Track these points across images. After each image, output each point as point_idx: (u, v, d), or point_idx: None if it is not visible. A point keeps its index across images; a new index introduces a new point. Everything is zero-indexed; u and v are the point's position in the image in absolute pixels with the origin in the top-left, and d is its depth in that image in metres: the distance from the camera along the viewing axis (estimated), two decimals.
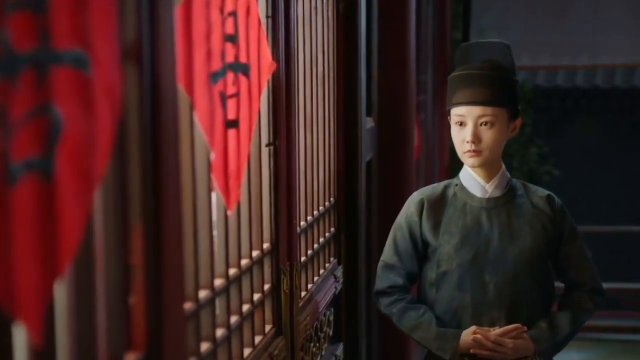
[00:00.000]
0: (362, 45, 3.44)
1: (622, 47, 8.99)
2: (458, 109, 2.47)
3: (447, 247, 2.52)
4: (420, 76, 5.99)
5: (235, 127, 1.89)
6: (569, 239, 2.58)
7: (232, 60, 1.86)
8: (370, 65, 3.82)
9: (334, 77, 3.21)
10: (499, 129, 2.46)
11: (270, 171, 2.23)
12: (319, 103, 2.95)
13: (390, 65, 4.15)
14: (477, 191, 2.55)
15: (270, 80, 2.22)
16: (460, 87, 2.46)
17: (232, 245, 1.92)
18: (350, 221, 3.38)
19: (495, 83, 2.45)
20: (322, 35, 2.99)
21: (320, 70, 2.97)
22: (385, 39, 4.12)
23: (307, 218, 2.75)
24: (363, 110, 3.46)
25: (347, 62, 3.33)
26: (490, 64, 2.48)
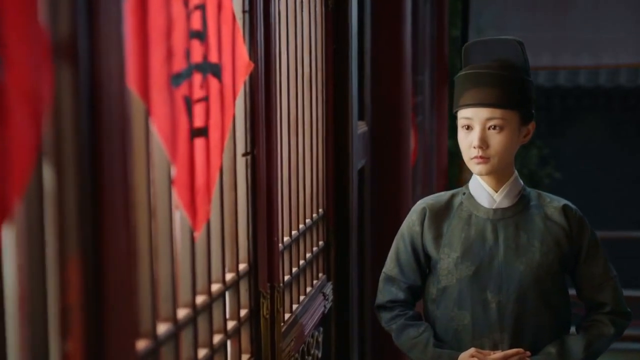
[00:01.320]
0: (354, 44, 3.25)
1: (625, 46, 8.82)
2: (464, 112, 2.31)
3: (448, 261, 2.37)
4: (417, 76, 5.82)
5: (204, 136, 1.70)
6: (589, 256, 2.39)
7: (200, 60, 1.67)
8: (363, 65, 3.63)
9: (323, 79, 3.02)
10: (508, 134, 2.29)
11: (247, 184, 2.03)
12: (305, 107, 2.76)
13: (384, 65, 3.96)
14: (484, 201, 2.38)
15: (247, 82, 2.02)
16: (467, 87, 2.30)
17: (200, 269, 1.72)
18: (341, 234, 3.19)
19: (505, 83, 2.29)
20: (309, 32, 2.80)
21: (306, 71, 2.78)
22: (379, 37, 3.92)
23: (292, 233, 2.56)
24: (354, 113, 3.26)
25: (337, 62, 3.14)
26: (501, 62, 2.32)
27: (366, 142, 3.74)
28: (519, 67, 2.32)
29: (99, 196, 1.13)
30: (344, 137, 3.17)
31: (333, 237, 3.13)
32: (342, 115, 3.15)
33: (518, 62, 2.33)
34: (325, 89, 3.05)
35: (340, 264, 3.18)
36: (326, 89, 3.05)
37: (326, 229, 3.09)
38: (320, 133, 2.98)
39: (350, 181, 3.20)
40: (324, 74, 3.03)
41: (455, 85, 2.37)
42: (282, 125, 2.42)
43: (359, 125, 3.49)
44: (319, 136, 2.96)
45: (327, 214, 3.09)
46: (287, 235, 2.51)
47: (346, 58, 3.16)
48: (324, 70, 3.03)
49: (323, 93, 3.03)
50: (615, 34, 8.63)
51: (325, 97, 3.05)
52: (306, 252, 2.78)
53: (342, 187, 3.19)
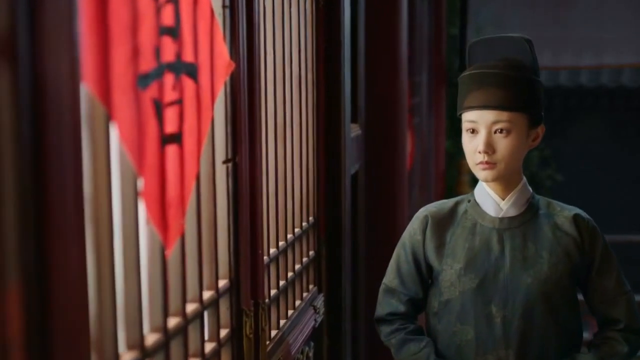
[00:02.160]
0: (346, 43, 3.12)
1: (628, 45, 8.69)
2: (469, 114, 2.19)
3: (450, 272, 2.25)
4: (414, 77, 5.70)
5: (177, 143, 1.56)
6: (601, 268, 2.27)
7: (173, 59, 1.54)
8: (356, 65, 3.50)
9: (313, 80, 2.89)
10: (516, 138, 2.17)
11: (228, 193, 1.90)
12: (294, 109, 2.63)
13: (379, 65, 3.83)
14: (490, 209, 2.27)
15: (227, 83, 1.89)
16: (472, 89, 2.19)
17: (174, 288, 1.59)
18: (333, 243, 3.06)
19: (511, 84, 2.17)
20: (298, 30, 2.67)
21: (295, 71, 2.65)
22: (374, 36, 3.79)
23: (279, 244, 2.43)
24: (347, 116, 3.13)
25: (329, 61, 3.01)
26: (507, 62, 2.19)
27: (360, 146, 3.61)
28: (526, 67, 2.21)
29: (44, 215, 0.99)
30: (335, 140, 3.04)
31: (324, 247, 3.00)
32: (333, 118, 3.03)
33: (526, 61, 2.22)
34: (316, 91, 2.92)
35: (332, 274, 3.05)
36: (317, 90, 2.92)
37: (317, 238, 2.96)
38: (310, 137, 2.85)
39: (343, 187, 3.07)
40: (314, 74, 2.90)
41: (459, 86, 2.26)
42: (267, 130, 2.29)
43: (352, 128, 3.36)
44: (309, 140, 2.83)
45: (318, 222, 2.95)
46: (273, 247, 2.38)
47: (338, 58, 3.04)
48: (314, 71, 2.90)
49: (313, 94, 2.90)
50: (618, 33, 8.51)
51: (316, 98, 2.92)
52: (295, 263, 2.65)
53: (334, 194, 3.06)
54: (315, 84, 2.91)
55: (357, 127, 3.57)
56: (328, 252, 3.03)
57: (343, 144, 3.05)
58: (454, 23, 7.89)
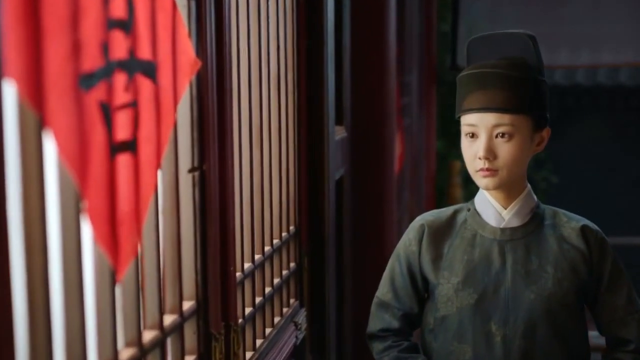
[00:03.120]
0: (330, 40, 2.97)
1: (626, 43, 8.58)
2: (468, 117, 2.08)
3: (447, 286, 2.14)
4: (403, 76, 5.57)
5: (131, 151, 1.41)
6: (611, 285, 2.15)
7: (125, 57, 1.38)
8: (341, 64, 3.35)
9: (294, 79, 2.74)
10: (519, 142, 2.06)
11: (194, 205, 1.74)
12: (271, 111, 2.48)
13: (365, 63, 3.68)
14: (491, 219, 2.15)
15: (193, 83, 1.74)
16: (471, 89, 2.07)
17: (128, 316, 1.43)
18: (316, 253, 2.91)
19: (514, 84, 2.05)
20: (276, 25, 2.52)
21: (273, 70, 2.50)
22: (360, 32, 3.65)
23: (255, 258, 2.27)
24: (331, 118, 2.99)
25: (311, 60, 2.87)
26: (510, 60, 2.07)
27: (345, 149, 3.46)
28: (530, 66, 2.09)
29: None
30: (318, 144, 2.89)
31: (307, 258, 2.85)
32: (316, 120, 2.88)
33: (530, 60, 2.09)
34: (297, 91, 2.77)
35: (315, 287, 2.91)
36: (298, 90, 2.77)
37: (299, 249, 2.81)
38: (290, 140, 2.70)
39: (326, 193, 2.92)
40: (295, 73, 2.75)
41: (457, 86, 2.14)
42: (241, 134, 2.14)
43: (336, 130, 3.21)
44: (289, 144, 2.68)
45: (299, 232, 2.80)
46: (248, 262, 2.23)
47: (321, 55, 2.89)
48: (295, 69, 2.75)
49: (294, 95, 2.75)
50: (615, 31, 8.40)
51: (297, 99, 2.77)
52: (274, 277, 2.50)
53: (317, 201, 2.91)
54: (296, 83, 2.76)
55: (342, 129, 3.42)
56: (311, 263, 2.88)
57: (326, 147, 2.90)
58: (445, 19, 7.77)
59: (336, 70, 3.21)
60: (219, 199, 1.86)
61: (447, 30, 7.57)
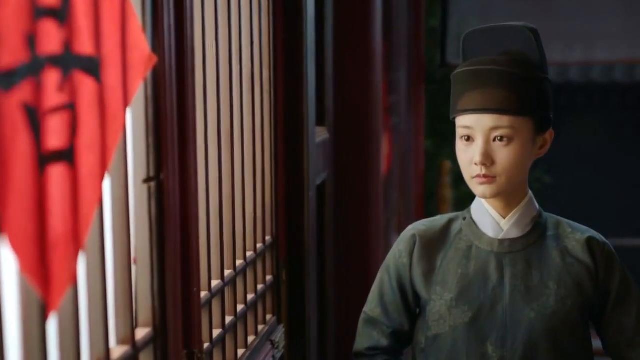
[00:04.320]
0: (310, 35, 2.79)
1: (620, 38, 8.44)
2: (464, 119, 1.92)
3: (440, 303, 1.99)
4: (390, 73, 5.40)
5: (67, 161, 1.22)
6: (619, 302, 2.00)
7: (58, 51, 1.20)
8: (323, 61, 3.18)
9: (270, 77, 2.57)
10: (519, 146, 1.91)
11: (150, 220, 1.56)
12: (244, 112, 2.30)
13: (349, 60, 3.51)
14: (488, 229, 2.00)
15: (148, 82, 1.56)
16: (467, 88, 1.92)
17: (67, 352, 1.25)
18: (295, 264, 2.73)
19: (514, 83, 1.89)
20: (250, 19, 2.34)
21: (246, 67, 2.32)
22: (343, 27, 3.47)
23: (225, 273, 2.09)
24: (311, 118, 2.81)
25: (289, 56, 2.69)
26: (509, 56, 1.92)
27: (327, 152, 3.28)
28: (531, 62, 1.94)
29: None
30: (297, 147, 2.71)
31: (285, 270, 2.68)
32: (295, 121, 2.70)
33: (531, 55, 1.95)
34: (274, 89, 2.59)
35: (294, 301, 2.73)
36: (274, 89, 2.60)
37: (276, 261, 2.63)
38: (267, 143, 2.53)
39: (306, 200, 2.75)
40: (271, 70, 2.57)
41: (452, 85, 1.98)
42: (208, 138, 1.96)
43: (318, 132, 3.04)
44: (265, 148, 2.50)
45: (277, 242, 2.63)
46: (217, 279, 2.05)
47: (300, 51, 2.71)
48: (271, 66, 2.57)
49: (270, 94, 2.57)
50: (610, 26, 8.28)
51: (274, 99, 2.60)
52: (247, 293, 2.32)
53: (296, 208, 2.73)
54: (273, 82, 2.58)
55: (324, 130, 3.25)
56: (289, 275, 2.71)
57: (306, 150, 2.72)
58: (434, 14, 7.61)
59: (317, 67, 3.04)
60: (179, 212, 1.68)
61: (436, 25, 7.41)
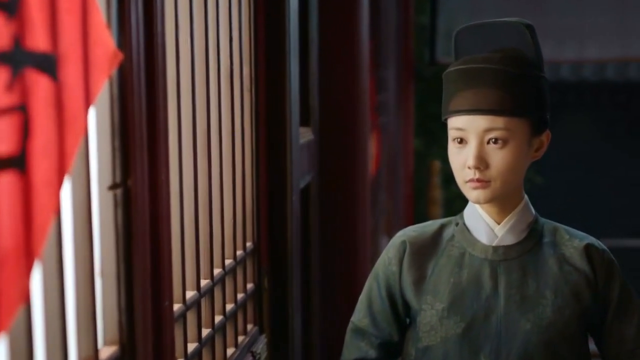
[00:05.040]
0: (293, 30, 2.69)
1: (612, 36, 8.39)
2: (456, 120, 1.86)
3: (430, 313, 1.92)
4: (379, 71, 5.31)
5: (17, 168, 1.12)
6: (619, 312, 1.93)
7: (7, 47, 1.09)
8: (307, 58, 3.08)
9: (251, 75, 2.46)
10: (515, 149, 1.84)
11: (116, 229, 1.46)
12: (223, 112, 2.19)
13: (335, 57, 3.41)
14: (482, 235, 1.93)
15: (114, 80, 1.45)
16: (459, 88, 1.85)
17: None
18: (278, 271, 2.63)
19: (509, 82, 1.82)
20: (228, 13, 2.23)
21: (225, 64, 2.22)
22: (329, 23, 3.37)
23: (201, 284, 1.99)
24: (295, 118, 2.71)
25: (271, 53, 2.58)
26: (504, 54, 1.84)
27: (312, 153, 3.18)
28: (527, 60, 1.86)
29: None
30: (280, 148, 2.61)
31: (267, 277, 2.57)
32: (277, 121, 2.60)
33: (527, 53, 1.87)
34: (255, 88, 2.49)
35: (277, 310, 2.63)
36: (255, 87, 2.49)
37: (257, 268, 2.53)
38: (247, 145, 2.42)
39: (289, 204, 2.64)
40: (252, 68, 2.47)
41: (443, 84, 1.92)
42: (182, 140, 1.85)
43: (302, 132, 2.94)
44: (245, 149, 2.40)
45: (258, 249, 2.52)
46: (193, 289, 1.94)
47: (283, 47, 2.60)
48: (252, 64, 2.46)
49: (251, 93, 2.46)
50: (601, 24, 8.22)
51: (255, 98, 2.49)
52: (226, 303, 2.21)
53: (279, 212, 2.63)
54: (254, 80, 2.48)
55: (309, 131, 3.15)
56: (272, 283, 2.60)
57: (289, 151, 2.62)
58: (424, 11, 7.53)
59: (301, 65, 2.94)
60: (149, 220, 1.57)
61: (426, 23, 7.33)
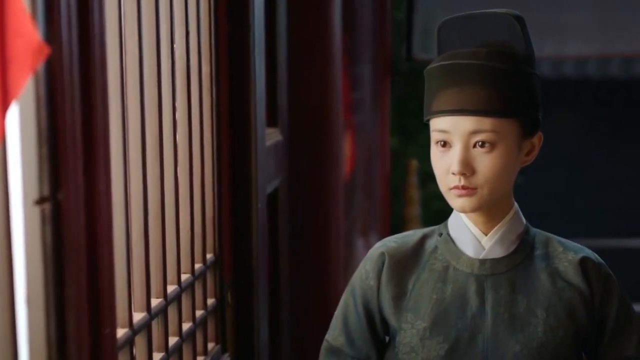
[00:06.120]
0: (258, 24, 2.52)
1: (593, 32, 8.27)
2: (439, 122, 1.72)
3: (411, 332, 1.79)
4: (354, 68, 5.15)
5: None
6: (617, 333, 1.81)
7: None
8: (274, 54, 2.91)
9: (211, 73, 2.29)
10: (503, 153, 1.70)
11: (44, 250, 1.28)
12: (179, 114, 2.03)
13: (305, 53, 3.24)
14: (467, 247, 1.79)
15: (40, 79, 1.27)
16: (443, 86, 1.72)
17: None
18: (242, 284, 2.46)
19: (497, 79, 1.69)
20: (185, 4, 2.06)
21: (180, 62, 2.05)
22: (299, 16, 3.20)
23: (152, 304, 1.81)
24: (260, 118, 2.53)
25: (233, 48, 2.41)
26: (491, 48, 1.71)
27: (280, 156, 3.01)
28: (518, 55, 1.72)
29: None
30: (244, 151, 2.44)
31: (230, 291, 2.40)
32: (241, 122, 2.43)
33: (516, 48, 1.73)
34: (215, 87, 2.32)
35: (241, 327, 2.46)
36: (216, 86, 2.32)
37: (219, 281, 2.36)
38: (207, 149, 2.25)
39: (254, 210, 2.47)
40: (212, 65, 2.29)
41: (425, 82, 1.78)
42: (128, 146, 1.67)
43: (269, 133, 2.77)
44: (205, 153, 2.23)
45: (220, 261, 2.35)
46: (142, 311, 1.76)
47: (246, 43, 2.43)
48: (212, 60, 2.29)
49: (211, 92, 2.30)
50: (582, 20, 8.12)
51: (216, 97, 2.32)
52: (182, 322, 2.04)
53: (243, 220, 2.46)
54: (215, 78, 2.30)
55: (277, 131, 2.98)
56: (236, 297, 2.43)
57: (254, 154, 2.45)
58: (400, 6, 7.39)
59: (268, 61, 2.77)
60: (85, 237, 1.39)
61: (402, 18, 7.19)
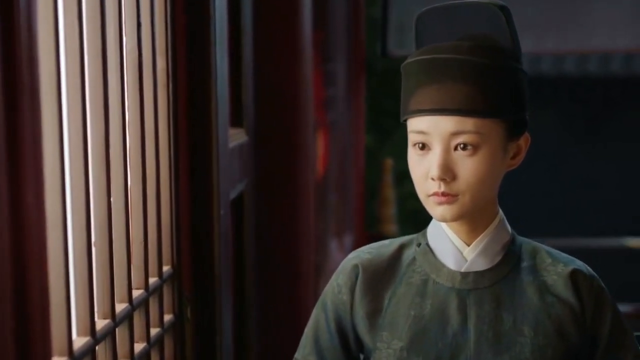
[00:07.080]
0: (219, 16, 2.35)
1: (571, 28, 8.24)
2: (417, 122, 1.61)
3: (387, 352, 1.68)
4: (326, 64, 5.02)
5: None
6: (610, 349, 1.71)
7: None
8: (239, 49, 2.76)
9: (167, 69, 2.12)
10: (488, 156, 1.60)
11: None
12: (129, 116, 1.87)
13: (272, 49, 3.08)
14: (448, 259, 1.68)
15: None
16: (421, 83, 1.61)
17: None
18: (203, 299, 2.30)
19: (480, 75, 1.58)
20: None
21: (131, 57, 1.89)
22: (265, 8, 3.04)
23: (96, 326, 1.64)
24: (222, 118, 2.37)
25: (192, 42, 2.25)
26: (474, 42, 1.61)
27: (246, 158, 2.85)
28: (503, 49, 1.62)
29: None
30: (204, 153, 2.28)
31: (189, 306, 2.24)
32: (201, 122, 2.26)
33: (501, 41, 1.62)
34: (173, 84, 2.15)
35: (203, 345, 2.30)
36: (173, 83, 2.15)
37: (178, 296, 2.19)
38: (163, 152, 2.08)
39: (216, 218, 2.31)
40: (168, 60, 2.13)
41: (402, 78, 1.66)
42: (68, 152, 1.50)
43: (233, 134, 2.61)
44: (160, 157, 2.06)
45: (178, 274, 2.19)
46: (84, 335, 1.59)
47: (207, 36, 2.27)
48: (168, 55, 2.13)
49: (168, 90, 2.13)
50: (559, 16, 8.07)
51: (172, 95, 2.15)
52: (134, 343, 1.87)
53: (204, 228, 2.30)
54: (171, 74, 2.14)
55: (242, 132, 2.83)
56: (195, 313, 2.27)
57: (215, 157, 2.29)
58: (375, 2, 7.30)
59: (232, 56, 2.61)
60: (10, 258, 1.22)
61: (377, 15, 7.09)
